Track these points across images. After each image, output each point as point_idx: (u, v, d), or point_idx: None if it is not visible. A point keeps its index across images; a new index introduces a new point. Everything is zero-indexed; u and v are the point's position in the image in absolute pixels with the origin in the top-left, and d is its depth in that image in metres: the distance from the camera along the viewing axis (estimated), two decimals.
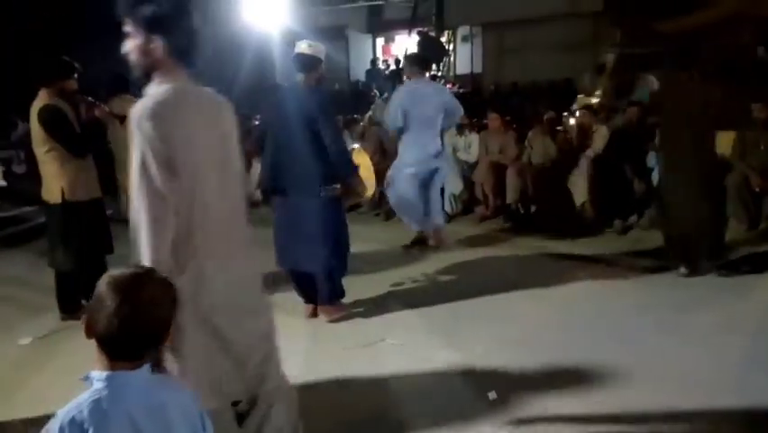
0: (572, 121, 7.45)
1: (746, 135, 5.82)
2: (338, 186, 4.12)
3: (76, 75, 4.25)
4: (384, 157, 7.18)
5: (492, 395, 3.04)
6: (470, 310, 4.32)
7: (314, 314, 4.32)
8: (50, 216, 4.30)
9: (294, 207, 4.10)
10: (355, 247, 4.94)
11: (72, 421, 1.33)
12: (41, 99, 4.14)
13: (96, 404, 1.35)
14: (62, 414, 1.35)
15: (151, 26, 2.03)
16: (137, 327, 1.38)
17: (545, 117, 7.40)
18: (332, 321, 4.21)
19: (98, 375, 1.38)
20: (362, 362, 3.60)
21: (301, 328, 4.14)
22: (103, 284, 1.40)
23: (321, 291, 4.24)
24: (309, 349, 3.83)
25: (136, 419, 1.37)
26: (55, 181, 4.16)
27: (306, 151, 3.98)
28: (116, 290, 1.37)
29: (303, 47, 4.15)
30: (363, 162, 4.69)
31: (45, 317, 4.45)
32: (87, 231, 4.23)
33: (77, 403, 1.36)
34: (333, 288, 4.26)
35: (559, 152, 6.88)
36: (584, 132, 6.67)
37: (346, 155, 4.25)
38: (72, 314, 4.35)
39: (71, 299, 4.40)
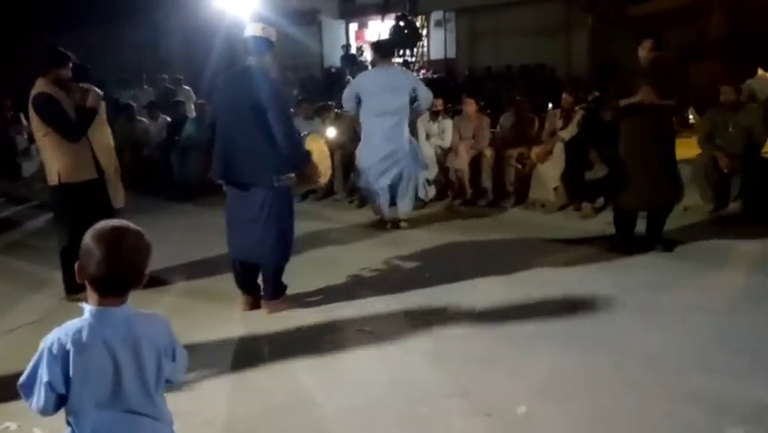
0: (550, 105, 7.45)
1: (715, 117, 5.88)
2: (292, 175, 3.96)
3: (70, 63, 4.40)
4: (357, 143, 7.13)
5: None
6: (443, 296, 4.31)
7: (255, 306, 4.19)
8: (51, 198, 4.58)
9: (246, 197, 3.93)
10: (328, 234, 4.90)
11: (58, 340, 1.63)
12: (37, 87, 4.33)
13: (80, 331, 1.64)
14: (54, 333, 1.64)
15: None
16: (120, 270, 1.65)
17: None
18: (271, 313, 4.11)
19: (89, 308, 1.67)
20: (333, 351, 3.58)
21: (269, 318, 4.10)
22: (89, 237, 1.66)
23: (267, 285, 4.12)
24: (277, 339, 3.79)
25: (112, 345, 1.65)
26: (52, 165, 4.38)
27: (259, 138, 3.80)
28: (101, 240, 1.64)
29: (257, 28, 3.98)
30: (318, 149, 4.52)
31: (38, 301, 4.46)
32: (84, 211, 4.24)
33: (66, 327, 1.65)
34: (280, 281, 4.17)
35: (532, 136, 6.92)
36: (568, 117, 6.65)
37: (296, 143, 4.03)
38: (74, 294, 4.31)
39: (75, 279, 4.41)
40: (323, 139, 5.78)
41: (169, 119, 9.21)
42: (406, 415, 2.89)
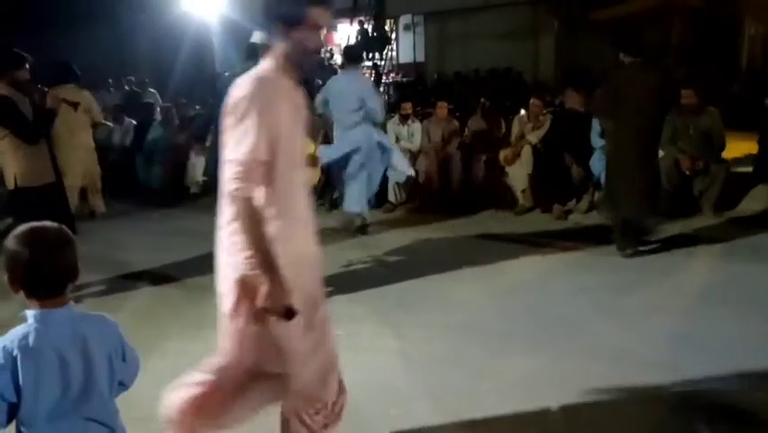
0: (522, 111, 7.52)
1: (677, 120, 6.00)
2: None
3: (27, 65, 4.40)
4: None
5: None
6: (412, 297, 4.33)
7: None
8: (7, 201, 4.58)
9: None
10: None
11: (4, 349, 1.58)
12: None
13: (26, 336, 1.60)
14: None
15: None
16: (49, 269, 1.63)
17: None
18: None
19: (31, 313, 1.63)
20: None
21: None
22: (11, 243, 1.62)
23: None
24: None
25: (60, 347, 1.61)
26: (9, 168, 4.37)
27: None
28: (21, 243, 1.62)
29: (258, 36, 4.20)
30: (306, 152, 4.62)
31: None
32: (42, 216, 4.14)
33: (10, 335, 1.62)
34: None
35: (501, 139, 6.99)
36: (537, 120, 6.70)
37: None
38: None
39: None
40: (312, 144, 5.79)
41: (134, 122, 9.06)
42: (375, 417, 2.88)
